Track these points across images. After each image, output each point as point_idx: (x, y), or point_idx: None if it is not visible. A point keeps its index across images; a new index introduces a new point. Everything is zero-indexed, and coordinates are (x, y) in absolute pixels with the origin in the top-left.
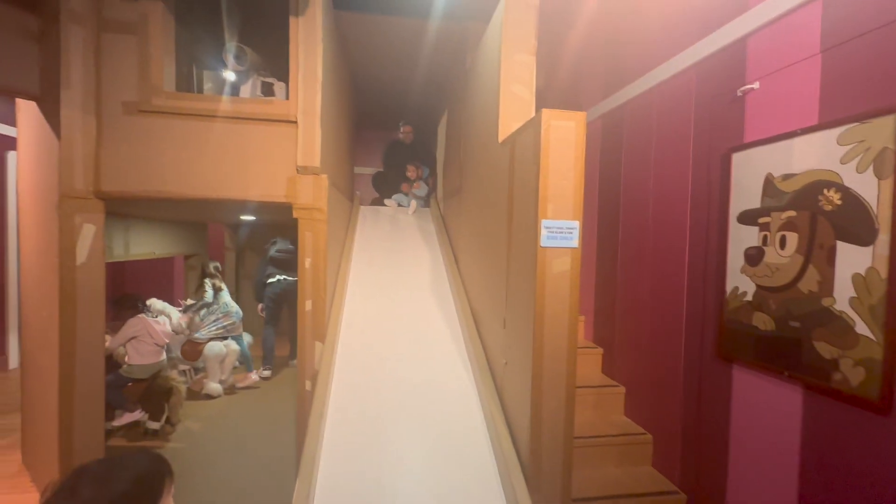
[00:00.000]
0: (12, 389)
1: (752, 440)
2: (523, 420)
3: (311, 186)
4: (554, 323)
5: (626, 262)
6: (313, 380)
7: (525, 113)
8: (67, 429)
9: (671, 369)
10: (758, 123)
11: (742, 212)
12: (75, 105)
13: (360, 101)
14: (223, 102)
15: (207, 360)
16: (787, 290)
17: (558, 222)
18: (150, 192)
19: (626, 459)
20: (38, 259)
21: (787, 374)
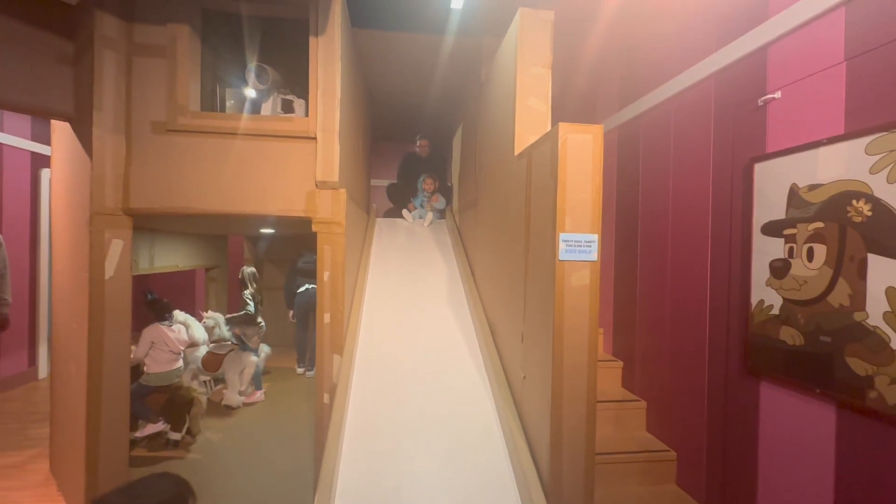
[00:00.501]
0: (42, 399)
1: (783, 459)
2: (543, 436)
3: (329, 201)
4: (573, 337)
5: (646, 274)
6: (331, 393)
7: (541, 126)
8: (94, 438)
9: (695, 384)
10: (780, 133)
11: (766, 223)
12: (106, 125)
13: (375, 114)
14: (245, 120)
15: (227, 372)
16: (817, 303)
17: (576, 235)
18: (175, 208)
19: (650, 478)
20: (70, 273)
21: (818, 391)
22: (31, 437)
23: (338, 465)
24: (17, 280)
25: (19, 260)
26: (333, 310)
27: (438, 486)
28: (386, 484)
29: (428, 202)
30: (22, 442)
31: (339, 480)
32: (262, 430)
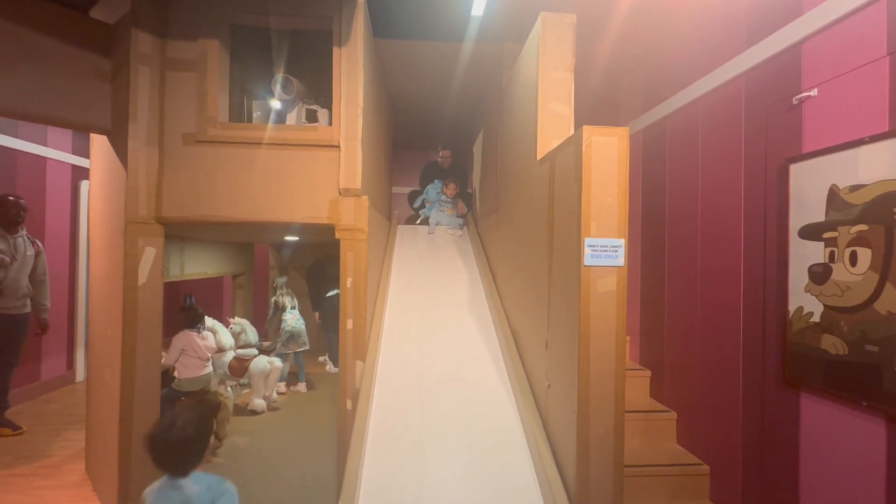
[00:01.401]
0: (79, 402)
1: (826, 475)
2: (569, 446)
3: (352, 208)
4: (599, 344)
5: (674, 281)
6: (354, 399)
7: (564, 130)
8: (126, 440)
9: (729, 395)
10: (818, 132)
11: (804, 226)
12: (141, 138)
13: (396, 122)
14: (271, 130)
15: (252, 377)
16: (861, 310)
17: (602, 240)
18: (205, 217)
19: (681, 492)
20: (105, 281)
21: (865, 403)
22: (68, 438)
23: (361, 471)
24: (57, 287)
25: (59, 268)
26: (356, 316)
27: (461, 495)
28: (409, 491)
29: (452, 206)
30: (60, 443)
31: (362, 486)
32: (287, 434)
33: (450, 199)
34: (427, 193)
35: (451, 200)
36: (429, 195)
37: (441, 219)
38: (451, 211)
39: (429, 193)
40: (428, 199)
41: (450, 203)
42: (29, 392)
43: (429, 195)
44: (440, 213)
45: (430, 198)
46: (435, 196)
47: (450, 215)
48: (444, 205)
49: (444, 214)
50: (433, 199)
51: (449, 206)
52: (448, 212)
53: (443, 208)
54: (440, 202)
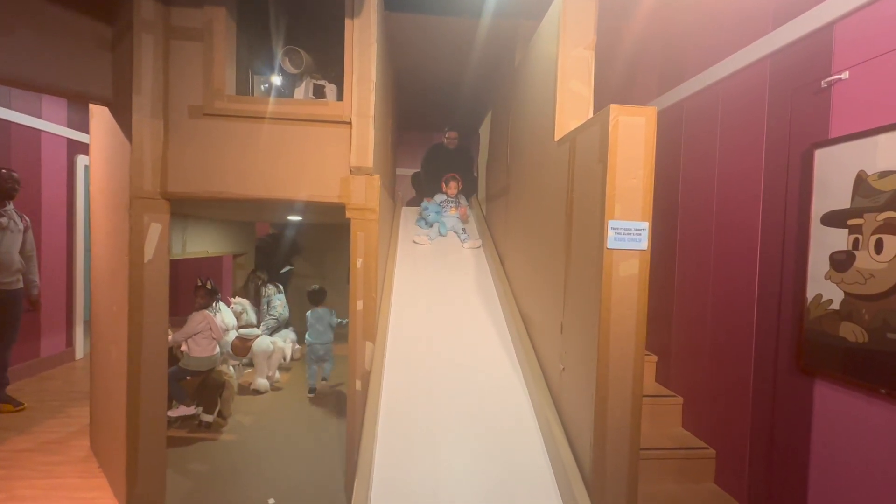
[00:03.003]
0: (80, 379)
1: (839, 461)
2: (584, 429)
3: (363, 187)
4: (620, 328)
5: (686, 267)
6: (363, 379)
7: (583, 111)
8: (134, 417)
9: (739, 380)
10: (846, 117)
11: (827, 213)
12: (145, 110)
13: (401, 101)
14: (280, 104)
15: (255, 357)
16: (885, 298)
17: (626, 223)
18: (212, 193)
19: (687, 475)
20: (109, 257)
21: (884, 391)
22: (71, 414)
23: (374, 451)
24: (53, 264)
25: (56, 244)
26: (366, 297)
27: (474, 475)
28: (422, 470)
29: (456, 206)
30: (63, 419)
31: (376, 470)
32: (291, 413)
33: (452, 199)
34: (425, 211)
35: (454, 199)
36: (428, 213)
37: (448, 223)
38: (455, 210)
39: (428, 211)
40: (427, 215)
41: (453, 202)
42: (28, 369)
43: (428, 213)
44: (446, 218)
45: (431, 218)
46: (436, 211)
47: (453, 215)
48: (448, 205)
49: (450, 217)
50: (433, 213)
51: (453, 206)
52: (452, 211)
53: (446, 210)
54: (444, 203)
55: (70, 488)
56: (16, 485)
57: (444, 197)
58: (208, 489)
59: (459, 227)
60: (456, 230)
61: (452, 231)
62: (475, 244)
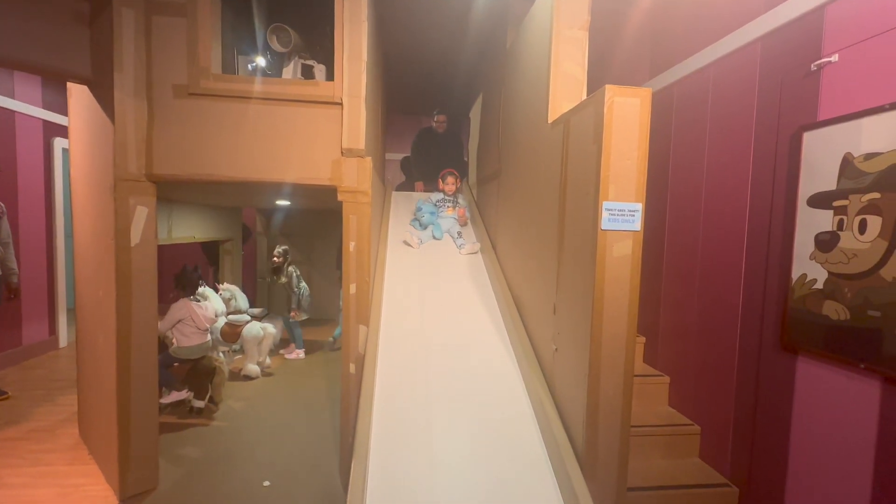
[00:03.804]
0: (64, 367)
1: (817, 433)
2: (577, 407)
3: (355, 169)
4: (613, 308)
5: (675, 249)
6: (357, 363)
7: (577, 92)
8: (125, 403)
9: (724, 359)
10: (835, 99)
11: (813, 195)
12: (128, 88)
13: (389, 84)
14: (269, 84)
15: (245, 343)
16: (867, 277)
17: (620, 204)
18: (200, 175)
19: (673, 451)
20: (93, 241)
21: (863, 366)
22: (58, 403)
23: (370, 431)
24: (33, 251)
25: (35, 231)
26: (359, 280)
27: (469, 453)
28: (417, 449)
29: (453, 205)
30: (49, 407)
31: (372, 450)
32: (282, 398)
33: (450, 197)
34: (419, 212)
35: (452, 198)
36: (422, 214)
37: (444, 225)
38: (452, 210)
39: (422, 212)
40: (421, 216)
41: (451, 202)
42: (10, 358)
43: (422, 214)
44: (442, 219)
45: (425, 220)
46: (430, 212)
47: (450, 216)
48: (445, 204)
49: (446, 218)
50: (427, 214)
51: (450, 205)
52: (448, 212)
53: (443, 210)
54: (440, 203)
55: (60, 475)
56: (3, 473)
57: (440, 195)
58: (202, 473)
59: (456, 230)
60: (452, 233)
61: (448, 234)
62: (473, 249)
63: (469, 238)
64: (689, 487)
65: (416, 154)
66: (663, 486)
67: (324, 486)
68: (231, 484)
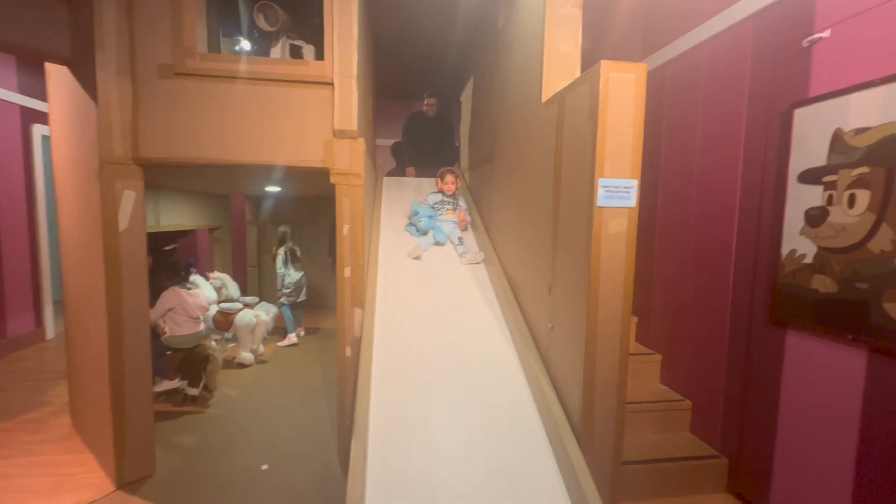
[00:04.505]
0: (53, 359)
1: (805, 404)
2: (573, 383)
3: (347, 151)
4: (609, 285)
5: (667, 229)
6: (353, 346)
7: (571, 71)
8: (119, 390)
9: (715, 336)
10: (826, 76)
11: (804, 171)
12: (110, 68)
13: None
14: (258, 64)
15: (238, 330)
16: (855, 250)
17: (616, 181)
18: (188, 158)
19: (665, 426)
20: (79, 228)
21: (850, 337)
22: (48, 394)
23: (369, 413)
24: (15, 241)
25: (16, 221)
26: (354, 263)
27: (467, 431)
28: (416, 429)
29: (453, 208)
30: (40, 399)
31: (371, 430)
32: (277, 385)
33: (449, 198)
34: (415, 216)
35: (451, 200)
36: (419, 218)
37: (444, 229)
38: (452, 213)
39: (419, 216)
40: (418, 221)
41: (450, 203)
42: None
43: (419, 218)
44: (441, 223)
45: (423, 225)
46: (428, 216)
47: (450, 220)
48: (444, 207)
49: (445, 222)
50: (425, 218)
51: (449, 208)
52: (448, 215)
53: (441, 213)
54: (438, 205)
55: (54, 464)
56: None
57: (439, 197)
58: (200, 459)
59: (456, 235)
60: (452, 239)
61: (448, 239)
62: (475, 259)
63: (470, 245)
64: (680, 460)
65: (407, 139)
66: (656, 459)
67: (322, 468)
68: (229, 469)
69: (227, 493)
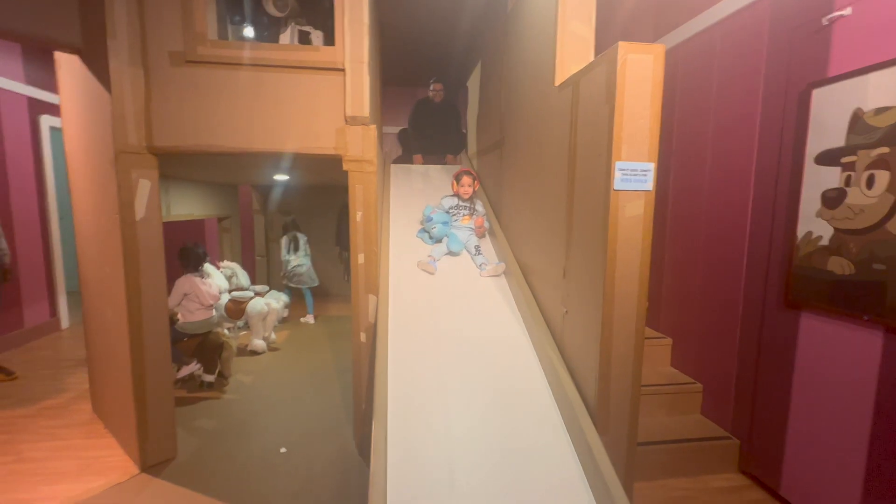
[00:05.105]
0: (69, 347)
1: (818, 385)
2: (588, 365)
3: (360, 137)
4: (625, 268)
5: (678, 213)
6: (367, 332)
7: (585, 53)
8: (140, 378)
9: (727, 319)
10: (846, 54)
11: (821, 152)
12: (122, 56)
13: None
14: (269, 50)
15: (250, 318)
16: (873, 231)
17: (633, 164)
18: (201, 146)
19: (676, 409)
20: (94, 217)
21: (866, 318)
22: (66, 381)
23: (388, 396)
24: (28, 232)
25: (28, 213)
26: (367, 250)
27: (483, 412)
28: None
29: (469, 213)
30: (59, 386)
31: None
32: (290, 372)
33: (465, 203)
34: (429, 223)
35: (468, 204)
36: (432, 225)
37: (461, 237)
38: (469, 219)
39: (432, 222)
40: (431, 227)
41: (466, 208)
42: (14, 340)
43: (432, 225)
44: (457, 230)
45: (437, 233)
46: (443, 222)
47: (466, 226)
48: (459, 212)
49: (462, 229)
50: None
51: (465, 213)
52: (464, 220)
53: (457, 218)
54: (454, 210)
55: (78, 448)
56: (21, 448)
57: (454, 201)
58: (219, 443)
59: (473, 244)
60: (469, 248)
61: (465, 249)
62: (496, 271)
63: (490, 254)
64: (692, 441)
65: (414, 126)
66: (667, 440)
67: (338, 450)
68: (248, 452)
69: (247, 474)
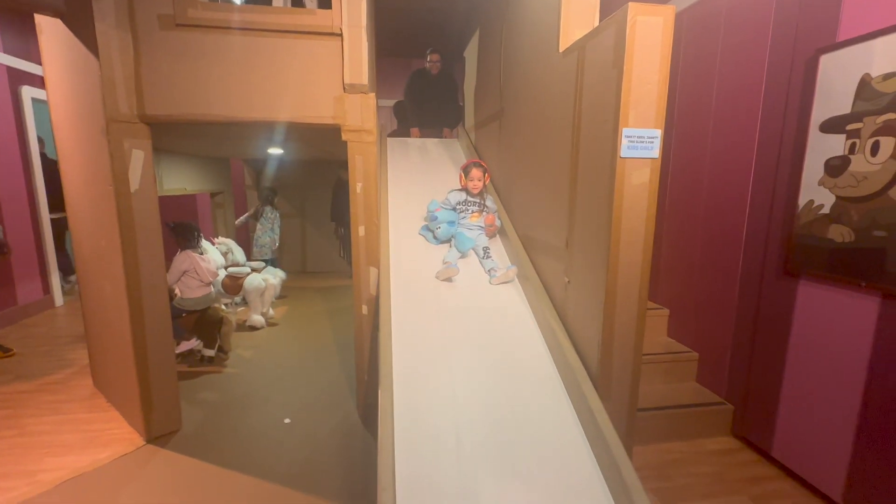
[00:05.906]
0: (64, 324)
1: (812, 351)
2: (591, 334)
3: (359, 106)
4: (630, 237)
5: (678, 182)
6: (369, 304)
7: (590, 18)
8: (142, 351)
9: (725, 288)
10: (857, 19)
11: (827, 119)
12: (109, 19)
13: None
14: (263, 13)
15: (248, 294)
16: (875, 198)
17: (640, 131)
18: (194, 115)
19: (672, 376)
20: (86, 189)
21: (864, 284)
22: (64, 357)
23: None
24: (15, 209)
25: (14, 188)
26: (368, 222)
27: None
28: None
29: (479, 209)
30: (57, 362)
31: (396, 379)
32: (290, 346)
33: (475, 198)
34: (434, 221)
35: (477, 200)
36: (438, 224)
37: (470, 236)
38: (478, 216)
39: (437, 221)
40: (436, 227)
41: (476, 204)
42: (8, 317)
43: (438, 224)
44: (465, 229)
45: (443, 233)
46: (449, 221)
47: (475, 224)
48: (468, 208)
49: (470, 227)
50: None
51: (475, 210)
52: (473, 218)
53: (465, 216)
54: (462, 206)
55: (82, 422)
56: (25, 422)
57: (462, 196)
58: (224, 414)
59: (482, 245)
60: (477, 250)
61: (474, 251)
62: (507, 277)
63: (501, 257)
64: (687, 407)
65: (410, 98)
66: (664, 406)
67: (341, 420)
68: (253, 423)
69: (253, 444)
